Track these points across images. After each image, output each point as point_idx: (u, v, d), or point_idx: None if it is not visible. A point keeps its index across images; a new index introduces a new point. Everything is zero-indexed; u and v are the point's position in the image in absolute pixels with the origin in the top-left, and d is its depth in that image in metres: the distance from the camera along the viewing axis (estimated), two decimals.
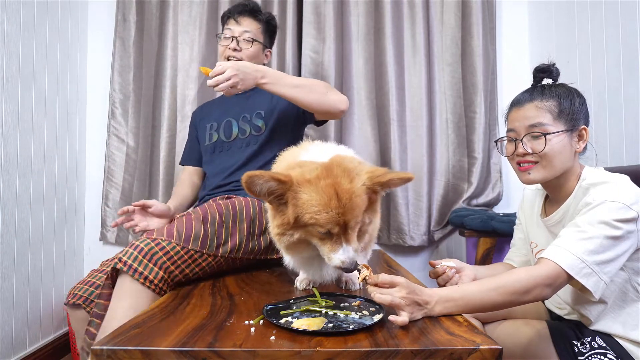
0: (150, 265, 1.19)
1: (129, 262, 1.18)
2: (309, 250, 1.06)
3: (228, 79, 1.41)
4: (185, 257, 1.27)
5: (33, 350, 2.09)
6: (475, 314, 1.32)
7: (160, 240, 1.24)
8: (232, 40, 1.74)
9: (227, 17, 1.81)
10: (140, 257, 1.19)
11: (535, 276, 1.01)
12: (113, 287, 1.23)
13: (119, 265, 1.18)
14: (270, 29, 1.85)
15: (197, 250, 1.30)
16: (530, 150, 1.17)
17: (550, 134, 1.15)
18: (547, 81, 1.24)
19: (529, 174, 1.19)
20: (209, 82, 1.42)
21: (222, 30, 1.84)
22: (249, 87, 1.47)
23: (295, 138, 1.70)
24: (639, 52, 1.73)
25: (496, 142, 1.30)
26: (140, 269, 1.18)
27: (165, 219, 1.61)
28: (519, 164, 1.21)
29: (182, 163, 1.94)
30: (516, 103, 1.23)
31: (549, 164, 1.17)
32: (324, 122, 1.81)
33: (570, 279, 1.03)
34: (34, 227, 2.08)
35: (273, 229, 1.04)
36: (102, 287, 1.26)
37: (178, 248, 1.25)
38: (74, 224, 2.43)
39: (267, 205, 1.09)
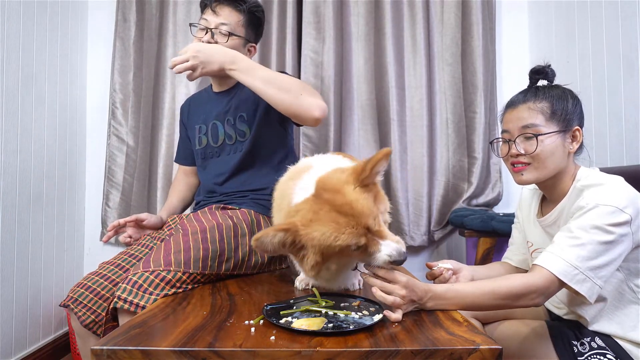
0: (147, 295, 1.19)
1: (124, 296, 1.18)
2: (341, 267, 1.05)
3: (186, 60, 1.32)
4: (187, 280, 1.26)
5: (33, 350, 2.09)
6: (474, 314, 1.33)
7: (159, 271, 1.22)
8: (207, 32, 1.57)
9: (204, 5, 1.63)
10: (135, 290, 1.19)
11: (529, 284, 1.03)
12: (113, 320, 1.26)
13: (119, 304, 1.18)
14: (254, 22, 1.66)
15: (199, 272, 1.28)
16: (522, 151, 1.18)
17: (542, 134, 1.16)
18: (542, 83, 1.25)
19: (522, 175, 1.20)
20: (169, 64, 1.32)
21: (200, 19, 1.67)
22: (212, 72, 1.37)
23: (281, 139, 1.66)
24: (639, 52, 1.73)
25: (491, 143, 1.31)
26: (136, 300, 1.18)
27: (158, 230, 1.66)
28: (513, 164, 1.22)
29: (177, 162, 1.92)
30: (510, 104, 1.25)
31: (541, 165, 1.17)
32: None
33: (563, 285, 1.04)
34: (34, 227, 2.08)
35: (308, 272, 1.02)
36: (104, 322, 1.30)
37: (180, 274, 1.24)
38: (74, 224, 2.43)
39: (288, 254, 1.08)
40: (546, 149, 1.16)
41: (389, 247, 0.95)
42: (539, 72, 1.25)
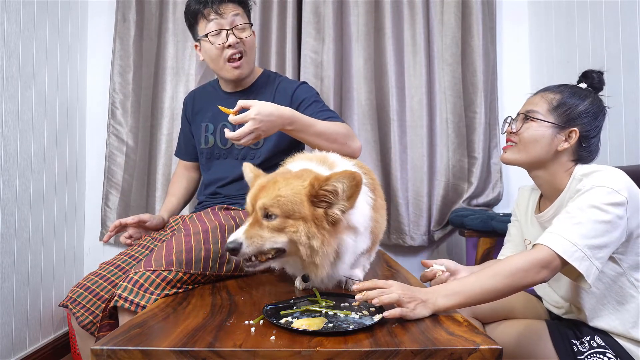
0: (147, 295, 1.19)
1: (124, 295, 1.18)
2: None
3: (250, 132, 1.31)
4: (188, 280, 1.26)
5: (33, 350, 2.09)
6: (475, 314, 1.32)
7: (160, 271, 1.22)
8: (227, 35, 1.54)
9: (202, 10, 1.56)
10: (135, 289, 1.19)
11: (531, 258, 1.03)
12: (110, 318, 1.26)
13: (120, 303, 1.18)
14: (249, 7, 1.67)
15: (200, 272, 1.28)
16: (514, 129, 1.24)
17: (534, 119, 1.21)
18: (583, 85, 1.26)
19: (505, 152, 1.27)
20: (228, 135, 1.31)
21: (195, 33, 1.63)
22: (271, 134, 1.40)
23: (296, 146, 1.65)
24: (639, 52, 1.73)
25: (505, 120, 1.33)
26: (137, 300, 1.18)
27: (159, 230, 1.65)
28: (506, 142, 1.28)
29: (178, 156, 1.90)
30: (537, 91, 1.30)
31: (524, 148, 1.22)
32: None
33: (564, 264, 1.03)
34: (34, 227, 2.08)
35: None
36: (100, 319, 1.29)
37: (180, 274, 1.24)
38: (74, 224, 2.43)
39: None
40: (532, 134, 1.20)
41: (237, 232, 1.02)
42: (584, 75, 1.28)
